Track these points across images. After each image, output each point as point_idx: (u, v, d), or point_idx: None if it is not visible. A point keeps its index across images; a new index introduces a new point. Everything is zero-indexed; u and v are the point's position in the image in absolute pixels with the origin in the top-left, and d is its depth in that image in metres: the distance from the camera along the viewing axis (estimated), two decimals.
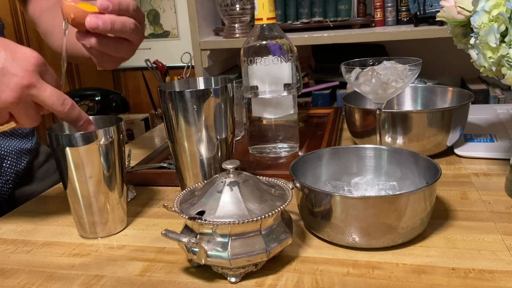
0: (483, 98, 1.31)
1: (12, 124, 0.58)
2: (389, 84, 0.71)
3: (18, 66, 0.54)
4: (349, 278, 0.51)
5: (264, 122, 0.88)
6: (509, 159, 0.73)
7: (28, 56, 0.55)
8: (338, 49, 1.43)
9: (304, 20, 1.42)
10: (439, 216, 0.63)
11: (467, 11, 0.65)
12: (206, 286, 0.52)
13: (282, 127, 0.89)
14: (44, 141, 0.95)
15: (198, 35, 1.43)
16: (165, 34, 2.09)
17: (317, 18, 1.42)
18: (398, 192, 0.61)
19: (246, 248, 0.50)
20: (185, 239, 0.50)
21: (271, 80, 0.85)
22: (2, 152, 0.86)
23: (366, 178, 0.66)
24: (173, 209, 0.53)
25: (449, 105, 0.92)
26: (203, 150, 0.67)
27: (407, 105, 0.98)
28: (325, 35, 1.32)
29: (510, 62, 0.58)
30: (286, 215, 0.56)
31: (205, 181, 0.58)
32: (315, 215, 0.58)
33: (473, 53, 0.65)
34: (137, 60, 2.08)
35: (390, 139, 0.82)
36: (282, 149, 0.89)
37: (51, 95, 0.56)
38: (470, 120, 0.95)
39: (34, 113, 0.57)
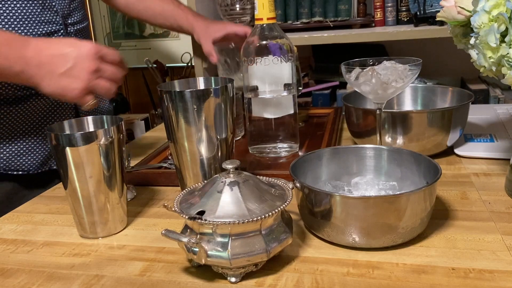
0: (483, 98, 1.31)
1: (93, 101, 0.75)
2: (389, 84, 0.71)
3: (84, 59, 0.71)
4: (349, 278, 0.51)
5: (264, 122, 0.88)
6: (509, 159, 0.73)
7: (88, 48, 0.71)
8: (338, 49, 1.43)
9: (304, 20, 1.42)
10: (439, 216, 0.63)
11: (467, 11, 0.65)
12: (206, 286, 0.52)
13: (282, 127, 0.89)
14: None
15: None
16: (165, 34, 2.08)
17: (317, 18, 1.42)
18: (398, 192, 0.61)
19: (246, 248, 0.50)
20: (185, 239, 0.50)
21: (271, 80, 0.85)
22: None
23: (366, 178, 0.66)
24: (173, 209, 0.53)
25: (449, 105, 0.92)
26: (203, 150, 0.67)
27: (407, 105, 0.98)
28: (325, 35, 1.31)
29: (510, 62, 0.58)
30: (286, 215, 0.56)
31: (205, 181, 0.58)
32: (315, 215, 0.58)
33: (473, 53, 0.65)
34: (137, 60, 2.09)
35: (390, 139, 0.82)
36: (282, 149, 0.89)
37: (112, 73, 0.74)
38: (470, 120, 0.95)
39: (108, 87, 0.74)
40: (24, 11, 0.84)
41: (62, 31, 0.90)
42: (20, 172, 0.90)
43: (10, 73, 0.71)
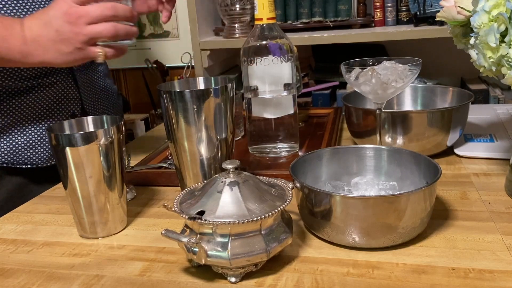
0: (483, 98, 1.31)
1: (101, 51, 0.69)
2: (389, 84, 0.71)
3: (60, 16, 0.66)
4: (349, 278, 0.51)
5: (264, 122, 0.88)
6: (509, 159, 0.73)
7: (58, 4, 0.66)
8: (338, 49, 1.43)
9: (304, 20, 1.42)
10: (439, 216, 0.63)
11: (467, 11, 0.65)
12: (206, 286, 0.52)
13: (282, 127, 0.89)
14: None
15: (198, 35, 1.43)
16: (165, 34, 2.08)
17: (317, 18, 1.42)
18: (398, 192, 0.61)
19: (246, 248, 0.50)
20: (185, 239, 0.50)
21: (271, 80, 0.85)
22: None
23: (366, 178, 0.66)
24: (173, 209, 0.53)
25: (449, 105, 0.92)
26: (203, 150, 0.67)
27: (407, 105, 0.98)
28: (325, 35, 1.32)
29: (510, 62, 0.58)
30: (286, 215, 0.56)
31: (205, 181, 0.58)
32: (315, 215, 0.58)
33: (473, 53, 0.65)
34: (137, 60, 2.09)
35: (390, 139, 0.82)
36: (282, 149, 0.89)
37: (100, 12, 0.67)
38: (470, 120, 0.95)
39: (102, 28, 0.68)
40: None
41: None
42: (29, 166, 0.88)
43: (14, 55, 0.69)
